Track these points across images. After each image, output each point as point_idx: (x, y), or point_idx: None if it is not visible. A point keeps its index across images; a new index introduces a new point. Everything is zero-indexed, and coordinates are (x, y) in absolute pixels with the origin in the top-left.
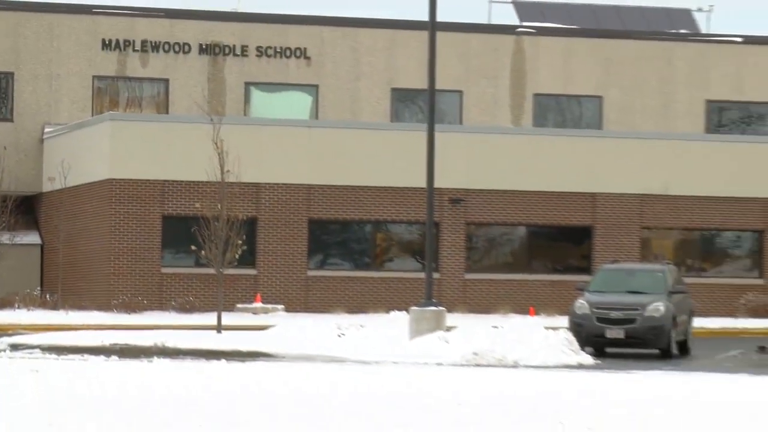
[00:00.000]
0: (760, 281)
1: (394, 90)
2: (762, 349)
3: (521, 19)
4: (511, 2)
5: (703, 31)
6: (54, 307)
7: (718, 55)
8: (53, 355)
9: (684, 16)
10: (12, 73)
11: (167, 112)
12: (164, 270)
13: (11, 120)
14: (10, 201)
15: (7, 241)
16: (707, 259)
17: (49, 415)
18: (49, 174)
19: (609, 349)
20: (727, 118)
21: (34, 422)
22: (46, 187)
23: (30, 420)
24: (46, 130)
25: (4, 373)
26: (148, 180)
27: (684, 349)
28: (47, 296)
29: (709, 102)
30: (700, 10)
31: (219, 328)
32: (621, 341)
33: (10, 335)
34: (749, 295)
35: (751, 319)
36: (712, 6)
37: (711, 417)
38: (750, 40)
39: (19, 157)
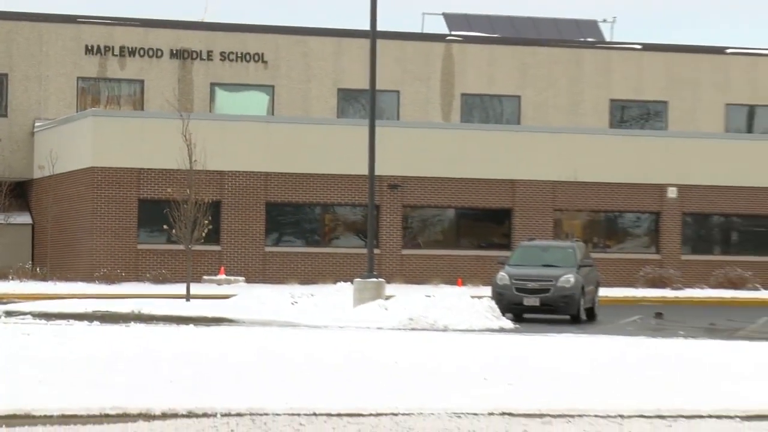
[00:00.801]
0: (656, 256)
1: (340, 90)
2: (658, 315)
3: (450, 29)
4: (442, 14)
5: (608, 39)
6: (43, 278)
7: (620, 60)
8: (42, 321)
9: (591, 26)
10: (6, 74)
11: (142, 109)
12: (140, 246)
13: (5, 115)
14: (4, 186)
15: (2, 221)
16: (611, 237)
17: (39, 372)
18: (39, 162)
19: (526, 315)
20: (628, 114)
21: (25, 379)
22: (37, 174)
23: (22, 377)
24: (37, 124)
25: (1, 333)
26: (126, 168)
27: (591, 315)
28: (37, 269)
29: (613, 101)
30: (604, 21)
31: (188, 297)
32: (537, 308)
33: (4, 303)
34: (647, 268)
35: (648, 289)
36: (615, 17)
37: (614, 370)
38: (647, 47)
39: (12, 148)
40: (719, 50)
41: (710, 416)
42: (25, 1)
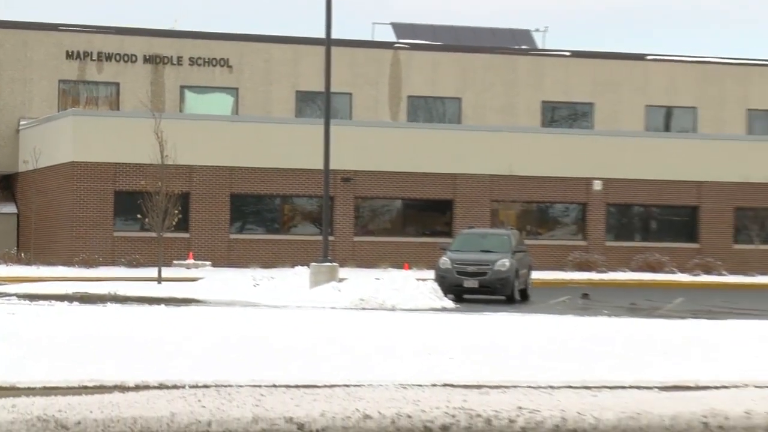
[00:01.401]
0: (583, 243)
1: (298, 92)
2: (585, 295)
3: (398, 37)
4: (390, 24)
5: (540, 46)
6: (27, 263)
7: (551, 65)
8: (27, 301)
9: (525, 35)
10: None
11: (118, 109)
12: (116, 234)
13: None
14: None
15: None
16: (542, 226)
17: (23, 348)
18: (23, 157)
19: (466, 296)
20: (558, 115)
21: (10, 355)
22: (22, 167)
23: (7, 353)
24: (22, 122)
25: None
26: (103, 162)
27: (525, 295)
28: (22, 254)
29: (544, 102)
30: (537, 30)
31: (159, 279)
32: (475, 290)
33: None
34: (575, 253)
35: (576, 272)
36: (546, 27)
37: (544, 345)
38: (576, 54)
39: (0, 144)
40: (640, 57)
41: (631, 387)
42: (11, 10)
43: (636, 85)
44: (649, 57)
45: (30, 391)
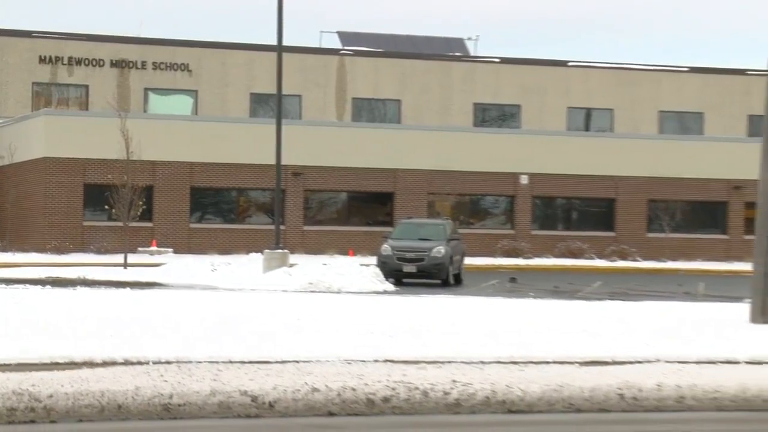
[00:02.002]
0: (511, 231)
1: (252, 94)
2: (513, 279)
3: (343, 45)
4: (336, 32)
5: (472, 53)
6: (3, 250)
7: (482, 70)
8: (2, 285)
9: (458, 43)
10: None
11: (87, 109)
12: (85, 223)
13: None
14: None
15: None
16: (474, 216)
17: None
18: (0, 152)
19: (405, 280)
20: (488, 116)
21: None
22: None
23: None
24: None
25: None
26: (73, 158)
27: (458, 279)
28: None
29: (476, 104)
30: (469, 38)
31: (125, 265)
32: (414, 274)
33: None
34: (504, 241)
35: (505, 258)
36: (478, 36)
37: (475, 324)
38: (504, 60)
39: None
40: (562, 63)
41: (554, 362)
42: None
43: (558, 88)
44: (570, 63)
45: (5, 367)
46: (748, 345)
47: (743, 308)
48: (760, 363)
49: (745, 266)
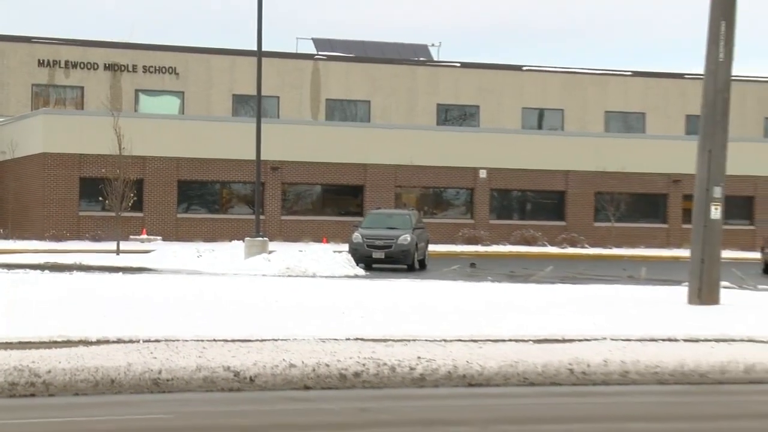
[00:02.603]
0: (471, 221)
1: (234, 95)
2: (473, 265)
3: (317, 50)
4: (311, 39)
5: (435, 58)
6: (6, 237)
7: (444, 74)
8: (4, 270)
9: (423, 49)
10: None
11: (83, 109)
12: (81, 213)
13: None
14: None
15: None
16: (437, 207)
17: (2, 303)
18: (2, 149)
19: (375, 265)
20: (450, 115)
21: None
22: (0, 157)
23: None
24: (0, 120)
25: None
26: (70, 153)
27: (423, 265)
28: (1, 230)
29: (439, 105)
30: (433, 45)
31: (118, 251)
32: (382, 260)
33: None
34: (464, 230)
35: (465, 245)
36: (440, 42)
37: (437, 306)
38: (464, 65)
39: None
40: (517, 67)
41: (510, 340)
42: None
43: (514, 91)
44: (524, 68)
45: (7, 345)
46: (686, 324)
47: (681, 291)
48: (696, 340)
49: (683, 253)
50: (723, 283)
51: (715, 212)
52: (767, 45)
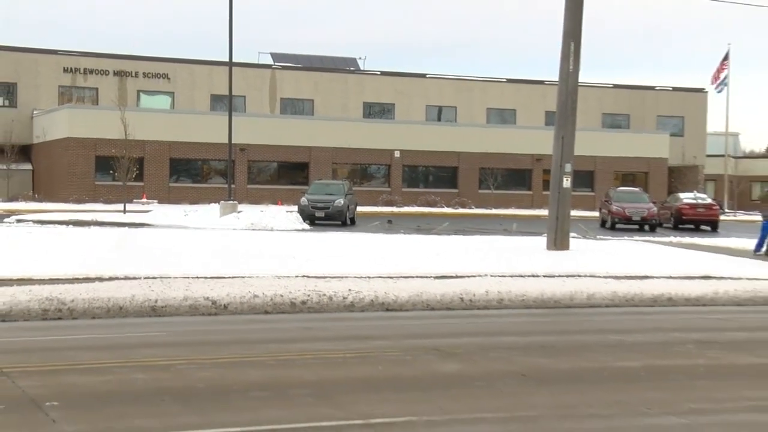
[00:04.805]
0: (388, 189)
1: (212, 95)
2: (389, 222)
3: (275, 61)
4: (269, 53)
5: (361, 68)
6: (38, 201)
7: (369, 80)
8: (38, 225)
9: (352, 61)
10: (16, 83)
11: (97, 104)
12: (96, 183)
13: (16, 107)
14: (16, 147)
15: (15, 167)
16: (364, 179)
17: (36, 253)
18: (36, 134)
19: (317, 222)
20: (373, 111)
21: (28, 257)
22: (35, 141)
23: (26, 256)
24: (35, 112)
25: (15, 232)
26: (87, 138)
27: (353, 221)
28: (35, 195)
29: (364, 103)
30: (360, 57)
31: (124, 211)
32: (323, 218)
33: (16, 215)
34: (383, 195)
35: (384, 207)
36: (365, 56)
37: (362, 250)
38: (383, 73)
39: (21, 125)
40: (422, 75)
41: (417, 277)
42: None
43: (420, 92)
44: (427, 75)
45: (41, 281)
46: (545, 264)
47: (542, 240)
48: (552, 276)
49: (543, 212)
50: (572, 234)
51: (566, 182)
52: (602, 60)
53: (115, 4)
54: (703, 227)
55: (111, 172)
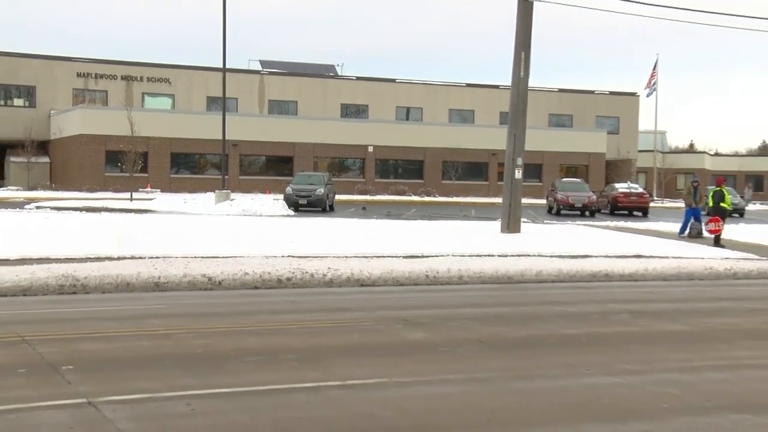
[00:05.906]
0: (363, 180)
1: (208, 97)
2: (363, 208)
3: (263, 68)
4: (258, 60)
5: (340, 74)
6: (55, 190)
7: (345, 84)
8: (55, 211)
9: (331, 67)
10: (35, 86)
11: (107, 105)
12: (106, 174)
13: (35, 107)
14: (35, 143)
15: (34, 160)
16: (341, 171)
17: (54, 235)
18: (53, 131)
19: (300, 209)
20: (350, 111)
21: (47, 239)
22: (52, 137)
23: (44, 238)
24: (51, 111)
25: (34, 217)
26: (99, 134)
27: (332, 208)
28: (52, 185)
29: (342, 104)
30: (338, 64)
31: (131, 199)
32: (305, 205)
33: (36, 202)
34: (358, 185)
35: (359, 196)
36: (343, 63)
37: (335, 231)
38: (359, 78)
39: (39, 123)
40: (392, 80)
41: (388, 256)
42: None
43: (391, 95)
44: (397, 80)
45: (58, 260)
46: (499, 246)
47: (496, 224)
48: (505, 256)
49: (498, 200)
50: (523, 219)
51: (518, 174)
52: (548, 69)
53: (124, 16)
54: (635, 213)
55: (119, 164)
